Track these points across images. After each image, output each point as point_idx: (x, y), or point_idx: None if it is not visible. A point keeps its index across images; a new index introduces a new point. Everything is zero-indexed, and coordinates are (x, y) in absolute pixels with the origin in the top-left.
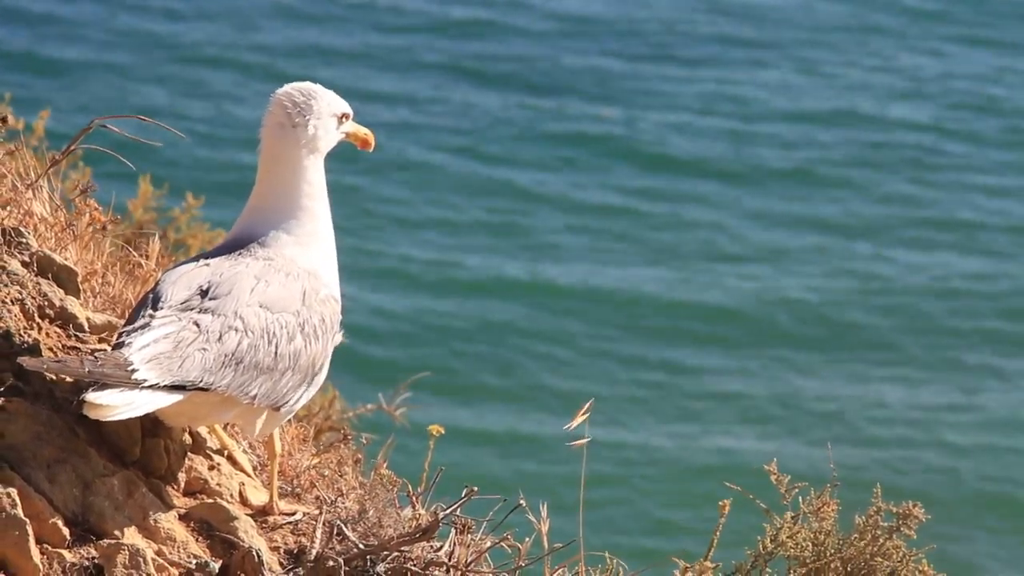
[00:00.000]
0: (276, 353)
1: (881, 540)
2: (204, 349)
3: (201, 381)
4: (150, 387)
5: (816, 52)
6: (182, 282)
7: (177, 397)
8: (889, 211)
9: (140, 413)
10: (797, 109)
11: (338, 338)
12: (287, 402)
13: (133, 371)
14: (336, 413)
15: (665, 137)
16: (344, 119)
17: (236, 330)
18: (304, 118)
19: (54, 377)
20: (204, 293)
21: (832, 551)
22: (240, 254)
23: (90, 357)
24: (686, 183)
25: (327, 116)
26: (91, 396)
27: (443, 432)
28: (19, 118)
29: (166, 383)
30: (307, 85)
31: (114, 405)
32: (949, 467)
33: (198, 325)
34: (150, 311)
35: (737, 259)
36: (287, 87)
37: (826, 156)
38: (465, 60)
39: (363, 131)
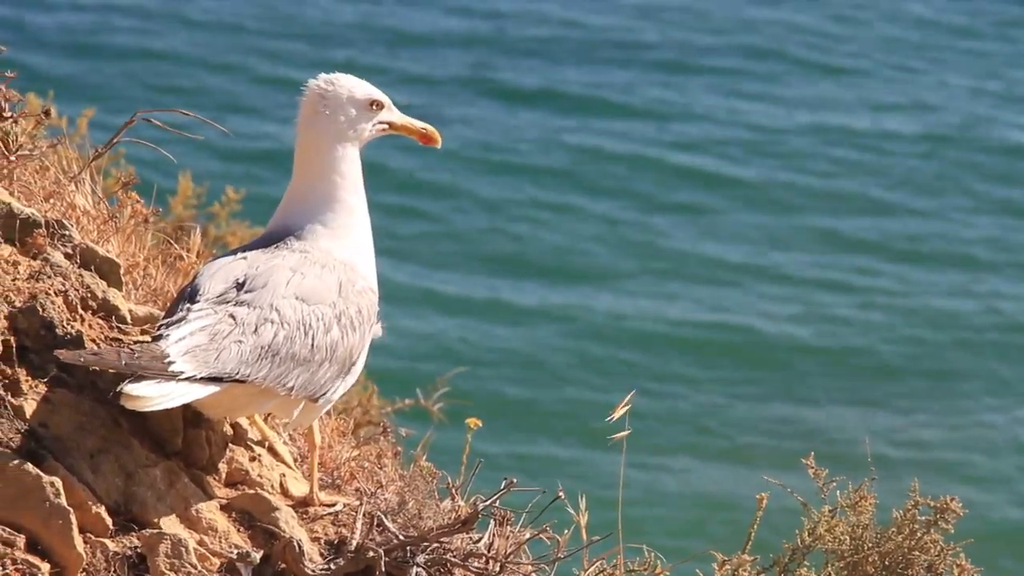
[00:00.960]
0: (312, 345)
1: (919, 534)
2: (240, 341)
3: (237, 373)
4: (186, 379)
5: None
6: (219, 275)
7: (213, 389)
8: None
9: (177, 404)
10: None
11: (376, 329)
12: (324, 393)
13: (170, 363)
14: (374, 408)
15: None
16: (375, 107)
17: (272, 322)
18: (331, 107)
19: (96, 368)
20: (240, 286)
21: (870, 545)
22: (277, 247)
23: (127, 350)
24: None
25: (354, 104)
26: (128, 387)
27: (480, 425)
28: (62, 115)
29: (202, 375)
30: (335, 75)
31: (151, 396)
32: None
33: (234, 317)
34: (187, 304)
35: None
36: (317, 77)
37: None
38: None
39: (418, 125)
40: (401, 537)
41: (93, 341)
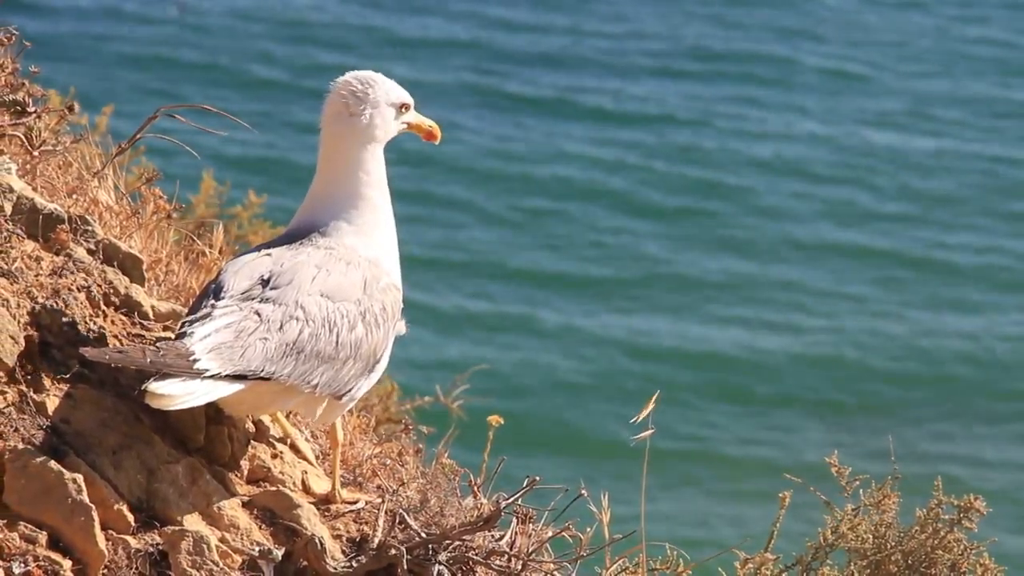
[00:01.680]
0: (337, 342)
1: (942, 533)
2: (265, 338)
3: (262, 370)
4: (211, 377)
5: None
6: (244, 272)
7: (238, 386)
8: None
9: (202, 402)
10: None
11: (400, 327)
12: (349, 391)
13: (195, 361)
14: (394, 405)
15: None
16: (404, 109)
17: (297, 319)
18: (362, 107)
19: (120, 366)
20: (265, 283)
21: (893, 543)
22: (301, 243)
23: (152, 347)
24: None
25: (385, 105)
26: (153, 386)
27: (502, 422)
28: (84, 112)
29: (227, 372)
30: (366, 73)
31: (176, 395)
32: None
33: (259, 315)
34: (212, 301)
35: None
36: (347, 75)
37: None
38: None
39: (427, 122)
40: (423, 535)
41: (116, 337)
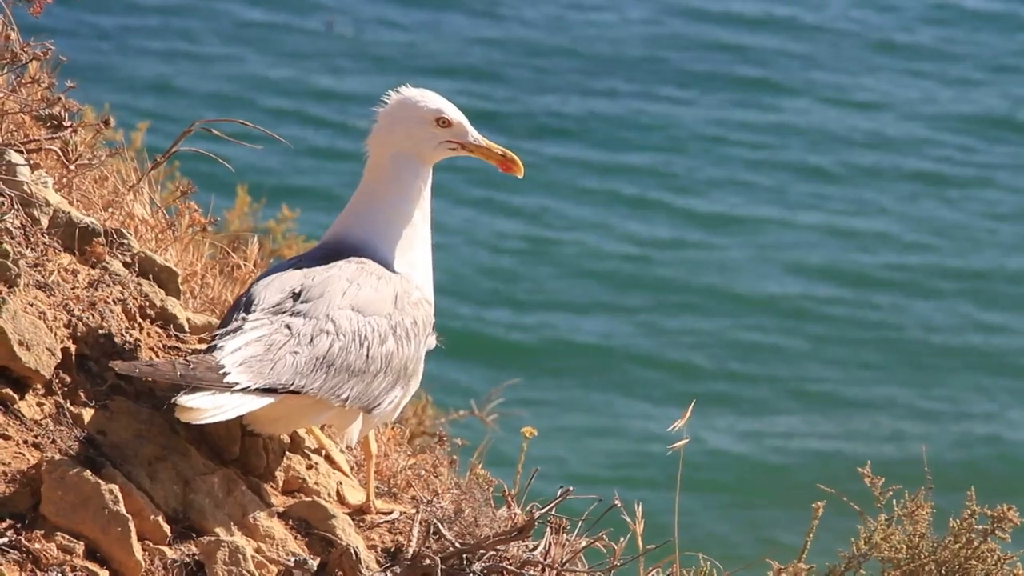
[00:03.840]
0: (368, 356)
1: (976, 543)
2: (295, 352)
3: (292, 384)
4: (242, 390)
5: None
6: (275, 285)
7: (268, 400)
8: None
9: (232, 416)
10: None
11: (431, 341)
12: (379, 404)
13: (225, 374)
14: (429, 419)
15: None
16: (442, 123)
17: (327, 333)
18: (397, 121)
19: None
20: (296, 296)
21: (926, 554)
22: (333, 257)
23: (182, 360)
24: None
25: (419, 120)
26: (183, 399)
27: (536, 434)
28: (119, 129)
29: (258, 386)
30: (407, 88)
31: (205, 408)
32: None
33: (290, 328)
34: (243, 314)
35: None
36: (392, 94)
37: None
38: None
39: (496, 149)
40: (457, 545)
41: (151, 350)
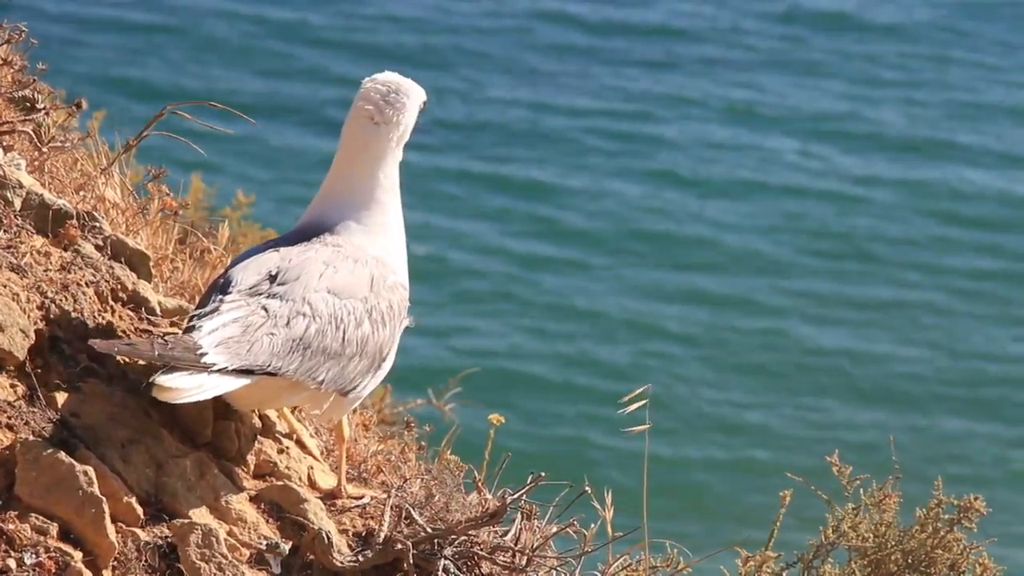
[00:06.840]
0: (344, 339)
1: (942, 532)
2: (272, 334)
3: (269, 365)
4: (219, 371)
5: None
6: (252, 267)
7: (245, 381)
8: None
9: (209, 396)
10: None
11: (405, 322)
12: (355, 387)
13: (202, 355)
14: (387, 407)
15: None
16: (424, 107)
17: (304, 315)
18: (393, 113)
19: (127, 359)
20: (273, 278)
21: (893, 543)
22: (310, 241)
23: (160, 340)
24: None
25: (413, 110)
26: (160, 379)
27: (503, 421)
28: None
29: (235, 367)
30: (395, 79)
31: (183, 388)
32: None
33: (266, 310)
34: (220, 296)
35: None
36: (375, 79)
37: None
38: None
39: None
40: (429, 530)
41: (123, 332)
